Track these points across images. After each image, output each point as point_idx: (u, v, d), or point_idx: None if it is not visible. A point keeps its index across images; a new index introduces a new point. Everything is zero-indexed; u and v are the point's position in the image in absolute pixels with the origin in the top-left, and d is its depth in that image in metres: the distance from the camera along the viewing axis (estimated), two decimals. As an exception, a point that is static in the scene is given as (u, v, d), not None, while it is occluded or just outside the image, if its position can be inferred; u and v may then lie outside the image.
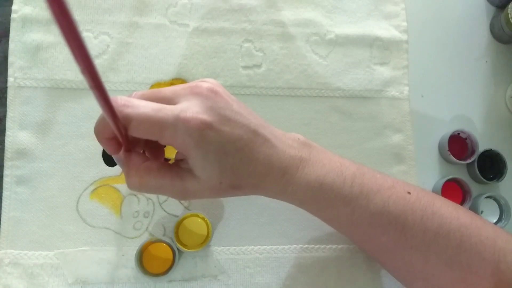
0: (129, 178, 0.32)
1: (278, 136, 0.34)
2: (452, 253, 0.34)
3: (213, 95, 0.31)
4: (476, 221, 0.36)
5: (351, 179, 0.34)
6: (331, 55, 0.48)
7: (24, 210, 0.41)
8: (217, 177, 0.31)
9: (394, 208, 0.34)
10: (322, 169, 0.34)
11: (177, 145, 0.30)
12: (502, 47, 0.52)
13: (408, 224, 0.34)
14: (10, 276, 0.39)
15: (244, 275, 0.42)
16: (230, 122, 0.30)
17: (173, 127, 0.29)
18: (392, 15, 0.50)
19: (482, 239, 0.34)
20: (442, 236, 0.34)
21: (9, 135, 0.42)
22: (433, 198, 0.36)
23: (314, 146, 0.36)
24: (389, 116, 0.48)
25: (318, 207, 0.35)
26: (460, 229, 0.34)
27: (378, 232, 0.35)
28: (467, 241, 0.34)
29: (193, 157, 0.30)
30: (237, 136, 0.30)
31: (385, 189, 0.35)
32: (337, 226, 0.38)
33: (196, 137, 0.29)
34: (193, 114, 0.29)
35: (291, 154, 0.33)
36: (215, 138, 0.30)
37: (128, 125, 0.29)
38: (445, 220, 0.34)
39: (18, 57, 0.43)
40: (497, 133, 0.49)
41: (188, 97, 0.31)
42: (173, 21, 0.47)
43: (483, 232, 0.35)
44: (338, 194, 0.34)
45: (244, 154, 0.31)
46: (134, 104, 0.29)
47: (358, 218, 0.35)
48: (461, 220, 0.35)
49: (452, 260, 0.34)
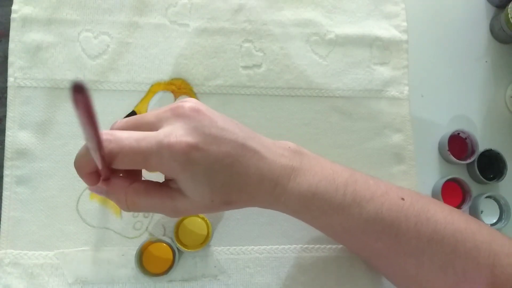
0: (119, 202, 0.32)
1: (267, 146, 0.33)
2: (446, 258, 0.34)
3: (196, 114, 0.30)
4: (471, 225, 0.35)
5: (344, 186, 0.34)
6: (331, 55, 0.48)
7: (24, 210, 0.41)
8: (208, 196, 0.31)
9: (388, 215, 0.34)
10: (314, 177, 0.34)
11: (164, 171, 0.30)
12: (502, 47, 0.52)
13: (402, 230, 0.34)
14: (10, 276, 0.39)
15: (244, 275, 0.42)
16: (216, 139, 0.30)
17: (158, 155, 0.29)
18: (392, 15, 0.50)
19: (477, 243, 0.34)
20: (436, 241, 0.34)
21: (9, 135, 0.42)
22: (427, 203, 0.36)
23: (306, 154, 0.35)
24: (389, 116, 0.48)
25: (312, 216, 0.35)
26: (455, 234, 0.34)
27: (372, 239, 0.35)
28: (461, 246, 0.34)
29: (182, 180, 0.30)
30: (224, 153, 0.30)
31: (378, 196, 0.35)
32: (331, 234, 0.38)
33: (182, 161, 0.29)
34: (177, 138, 0.29)
35: (282, 164, 0.33)
36: (202, 158, 0.29)
37: (113, 160, 0.29)
38: (439, 226, 0.34)
39: (18, 57, 0.43)
40: (497, 133, 0.49)
41: (171, 120, 0.30)
42: (173, 21, 0.47)
43: (478, 236, 0.35)
44: (330, 203, 0.34)
45: (234, 170, 0.31)
46: (117, 137, 0.29)
47: (351, 226, 0.35)
48: (455, 225, 0.35)
49: (447, 265, 0.34)
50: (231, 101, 0.46)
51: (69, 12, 0.45)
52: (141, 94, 0.45)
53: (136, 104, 0.44)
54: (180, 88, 0.45)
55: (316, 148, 0.46)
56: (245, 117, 0.45)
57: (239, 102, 0.46)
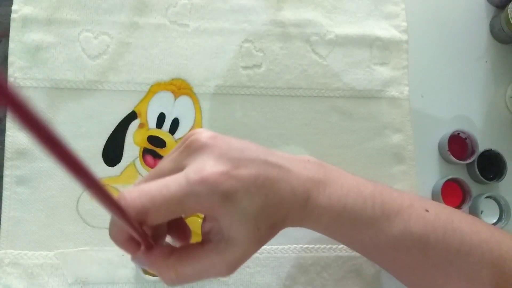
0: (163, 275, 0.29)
1: (288, 160, 0.31)
2: (474, 268, 0.34)
3: (214, 141, 0.29)
4: (496, 234, 0.35)
5: (371, 199, 0.33)
6: (331, 55, 0.48)
7: (24, 210, 0.41)
8: (254, 225, 0.28)
9: (416, 229, 0.33)
10: (342, 189, 0.32)
11: (204, 209, 0.28)
12: (502, 47, 0.52)
13: (431, 243, 0.33)
14: (10, 276, 0.39)
15: (244, 275, 0.42)
16: (242, 162, 0.28)
17: (193, 194, 0.26)
18: (392, 15, 0.50)
19: (502, 253, 0.34)
20: (464, 253, 0.34)
21: (9, 135, 0.42)
22: (451, 213, 0.36)
23: (327, 166, 0.34)
24: (389, 116, 0.48)
25: (343, 231, 0.34)
26: (481, 245, 0.34)
27: (401, 253, 0.34)
28: (488, 256, 0.34)
29: (224, 215, 0.28)
30: (254, 173, 0.28)
31: (405, 208, 0.34)
32: (360, 249, 0.37)
33: (219, 193, 0.27)
34: (208, 171, 0.27)
35: (309, 176, 0.31)
36: (237, 185, 0.27)
37: (146, 216, 0.26)
38: (466, 237, 0.34)
39: (18, 57, 0.43)
40: (497, 133, 0.49)
41: (192, 157, 0.28)
42: (173, 21, 0.47)
43: (503, 246, 0.35)
44: (361, 216, 0.32)
45: (267, 188, 0.29)
46: (145, 190, 0.26)
47: (381, 241, 0.34)
48: (482, 235, 0.34)
49: (474, 275, 0.34)
50: (231, 101, 0.46)
51: (69, 12, 0.45)
52: (141, 94, 0.45)
53: (136, 104, 0.44)
54: (180, 88, 0.45)
55: (316, 148, 0.46)
56: (245, 117, 0.45)
57: (239, 102, 0.46)
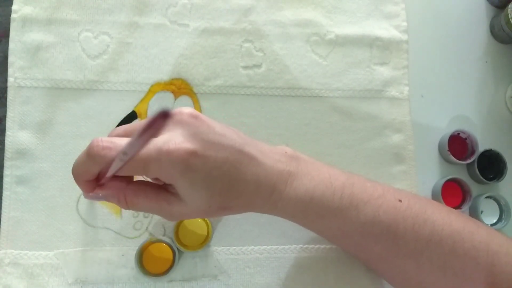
0: (119, 202, 0.32)
1: (264, 152, 0.33)
2: (445, 259, 0.34)
3: (194, 120, 0.30)
4: (469, 225, 0.36)
5: (341, 190, 0.34)
6: (331, 55, 0.48)
7: (24, 210, 0.41)
8: (206, 202, 0.31)
9: (385, 218, 0.34)
10: (311, 182, 0.34)
11: (163, 177, 0.30)
12: (502, 47, 0.52)
13: (400, 232, 0.34)
14: (10, 276, 0.39)
15: (244, 275, 0.42)
16: (214, 146, 0.30)
17: (157, 162, 0.29)
18: (392, 15, 0.50)
19: (475, 244, 0.34)
20: (434, 243, 0.34)
21: (9, 135, 0.42)
22: (425, 204, 0.36)
23: (302, 158, 0.35)
24: (389, 116, 0.48)
25: (309, 220, 0.35)
26: (453, 235, 0.34)
27: (370, 242, 0.35)
28: (460, 246, 0.34)
29: (180, 186, 0.30)
30: (222, 159, 0.30)
31: (375, 198, 0.35)
32: (329, 237, 0.38)
33: (181, 167, 0.29)
34: (175, 145, 0.29)
35: (279, 169, 0.33)
36: (201, 165, 0.29)
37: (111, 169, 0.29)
38: (437, 227, 0.34)
39: (18, 57, 0.43)
40: (497, 133, 0.49)
41: (169, 127, 0.30)
42: (173, 21, 0.47)
43: (476, 236, 0.35)
44: (328, 207, 0.34)
45: (231, 176, 0.31)
46: (117, 145, 0.29)
47: (349, 229, 0.35)
48: (453, 226, 0.35)
49: (446, 266, 0.34)
50: (231, 101, 0.46)
51: (69, 12, 0.45)
52: (141, 94, 0.45)
53: (136, 104, 0.44)
54: (180, 88, 0.45)
55: (316, 148, 0.46)
56: (245, 117, 0.45)
57: (239, 102, 0.46)
